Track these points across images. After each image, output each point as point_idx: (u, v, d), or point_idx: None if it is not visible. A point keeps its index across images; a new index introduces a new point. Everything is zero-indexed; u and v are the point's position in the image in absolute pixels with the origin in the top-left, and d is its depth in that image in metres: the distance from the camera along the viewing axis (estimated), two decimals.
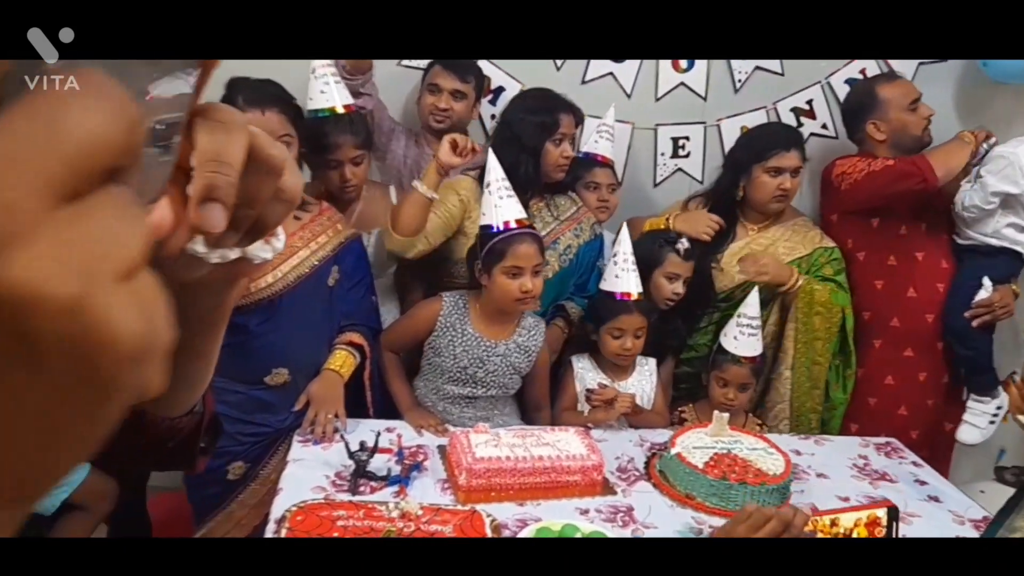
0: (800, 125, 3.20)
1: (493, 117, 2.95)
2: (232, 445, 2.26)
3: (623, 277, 2.49)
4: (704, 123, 3.24)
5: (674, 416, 2.70)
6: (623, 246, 2.50)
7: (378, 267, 2.60)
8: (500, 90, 3.05)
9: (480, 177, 2.44)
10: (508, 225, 2.27)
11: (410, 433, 2.30)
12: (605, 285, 2.53)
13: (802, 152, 2.77)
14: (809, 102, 3.26)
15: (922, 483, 2.37)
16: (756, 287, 2.67)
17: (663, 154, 3.26)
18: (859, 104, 2.93)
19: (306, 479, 2.02)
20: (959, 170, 2.73)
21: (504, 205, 2.29)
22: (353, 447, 2.03)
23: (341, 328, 2.39)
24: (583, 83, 3.10)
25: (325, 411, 2.23)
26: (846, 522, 1.58)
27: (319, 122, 2.44)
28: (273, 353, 2.26)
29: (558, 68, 3.04)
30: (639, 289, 2.49)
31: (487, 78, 2.96)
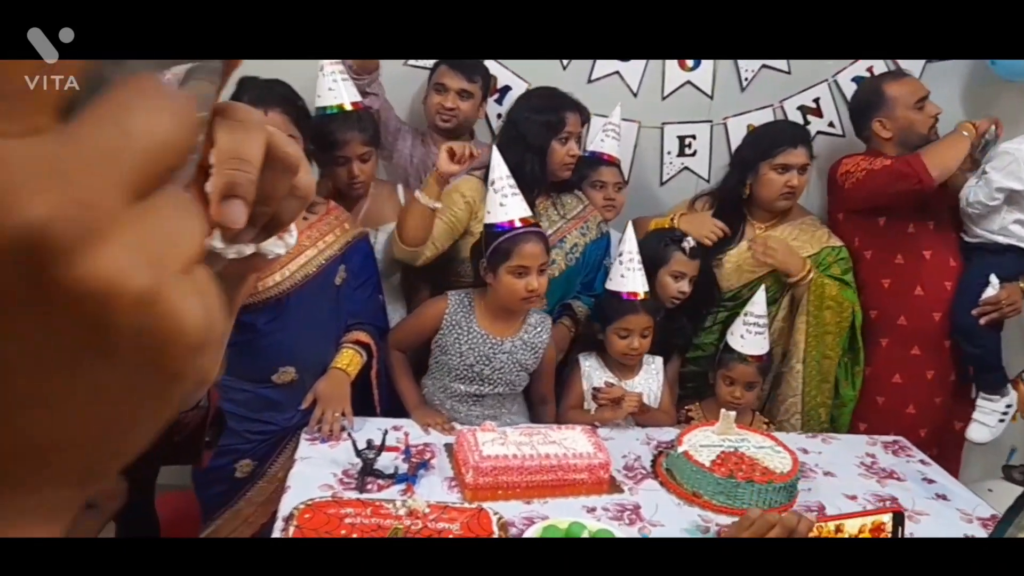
0: (807, 123, 3.19)
1: (499, 116, 2.95)
2: (239, 443, 2.27)
3: (629, 277, 2.48)
4: (711, 121, 3.24)
5: (681, 415, 2.70)
6: (629, 245, 2.50)
7: (385, 265, 2.60)
8: (506, 89, 3.05)
9: (486, 177, 2.44)
10: (513, 224, 2.27)
11: (417, 431, 2.30)
12: (611, 285, 2.53)
13: (809, 149, 2.76)
14: (816, 100, 3.25)
15: (930, 481, 2.36)
16: (763, 286, 2.67)
17: (669, 153, 3.26)
18: (866, 102, 2.92)
19: (314, 477, 2.02)
20: (957, 165, 2.71)
21: (509, 204, 2.28)
22: (360, 445, 2.03)
23: (348, 327, 2.40)
24: (589, 82, 3.10)
25: (332, 409, 2.23)
26: (851, 528, 1.57)
27: (327, 119, 2.45)
28: (280, 352, 2.27)
29: (564, 67, 3.04)
30: (645, 288, 2.49)
31: (493, 77, 2.95)
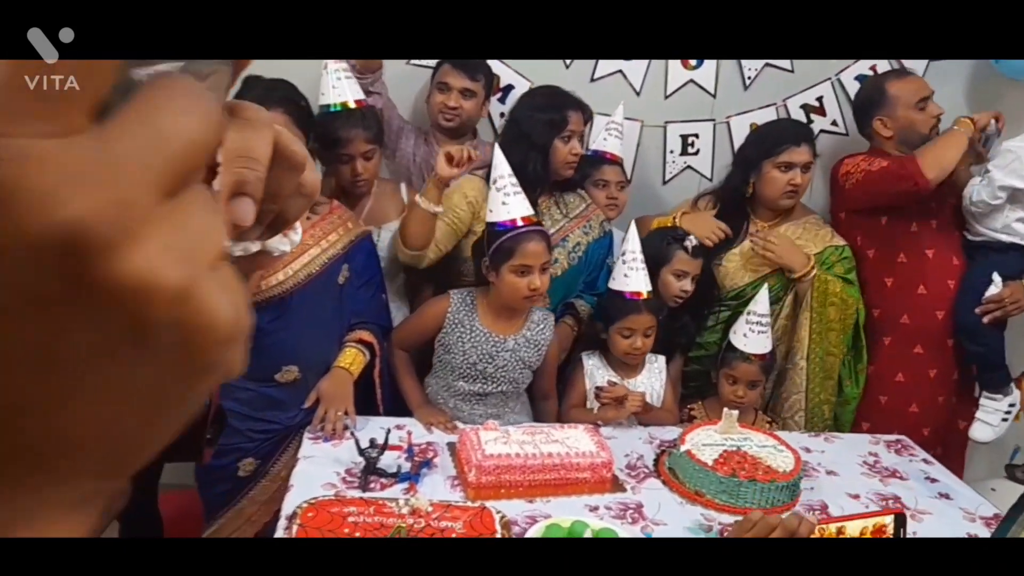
0: (810, 122, 3.18)
1: (502, 115, 2.95)
2: (242, 442, 2.28)
3: (632, 276, 2.48)
4: (713, 120, 3.23)
5: (683, 414, 2.69)
6: (632, 245, 2.49)
7: (388, 264, 2.60)
8: (509, 88, 3.05)
9: (488, 176, 2.44)
10: (516, 223, 2.27)
11: (420, 430, 2.31)
12: (614, 284, 2.53)
13: (812, 147, 2.75)
14: (819, 99, 3.25)
15: (933, 480, 2.36)
16: (766, 284, 2.67)
17: (672, 151, 3.26)
18: (868, 99, 2.92)
19: (317, 476, 2.03)
20: (955, 163, 2.69)
21: (512, 202, 2.28)
22: (363, 444, 2.04)
23: (351, 326, 2.40)
24: (592, 81, 3.09)
25: (335, 408, 2.24)
26: (852, 530, 1.57)
27: (331, 117, 2.46)
28: (283, 351, 2.28)
29: (567, 66, 3.03)
30: (648, 288, 2.49)
31: (496, 76, 2.95)
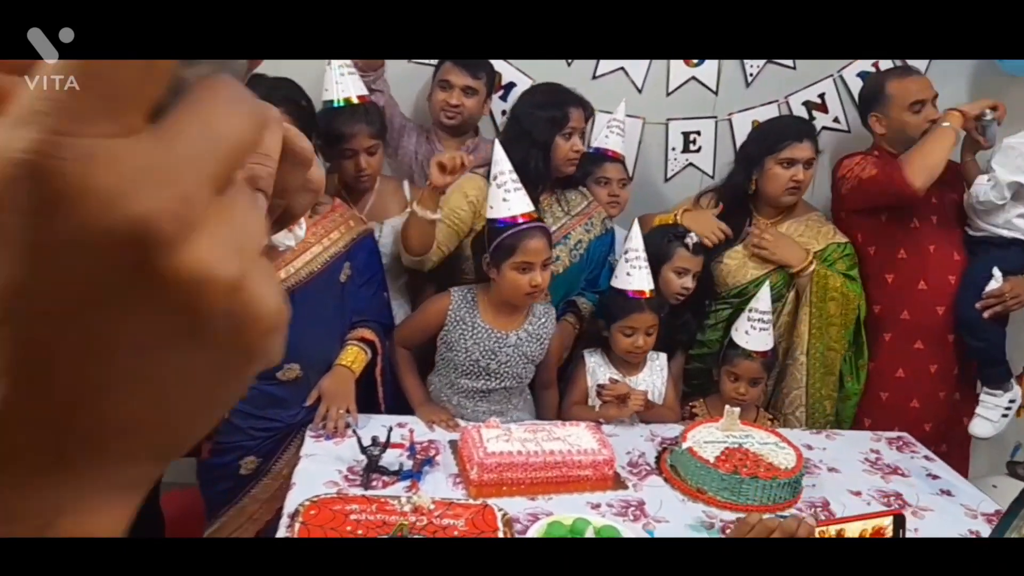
0: (812, 119, 3.18)
1: (504, 113, 2.94)
2: (244, 440, 2.28)
3: (635, 275, 2.48)
4: (715, 117, 3.23)
5: (685, 411, 2.69)
6: (634, 243, 2.49)
7: (390, 261, 2.60)
8: (511, 86, 3.04)
9: (489, 174, 2.44)
10: (516, 219, 2.26)
11: (422, 428, 2.31)
12: (617, 283, 2.52)
13: (815, 143, 2.75)
14: (821, 96, 3.25)
15: (934, 477, 2.36)
16: (767, 282, 2.66)
17: (674, 149, 3.26)
18: (868, 94, 2.92)
19: (319, 474, 2.03)
20: (943, 164, 2.67)
21: (513, 199, 2.28)
22: (365, 442, 2.04)
23: (353, 324, 2.40)
24: (594, 78, 3.09)
25: (336, 406, 2.24)
26: (852, 532, 1.57)
27: (334, 113, 2.46)
28: (285, 348, 2.26)
29: (569, 64, 3.03)
30: (651, 287, 2.49)
31: (498, 74, 2.95)
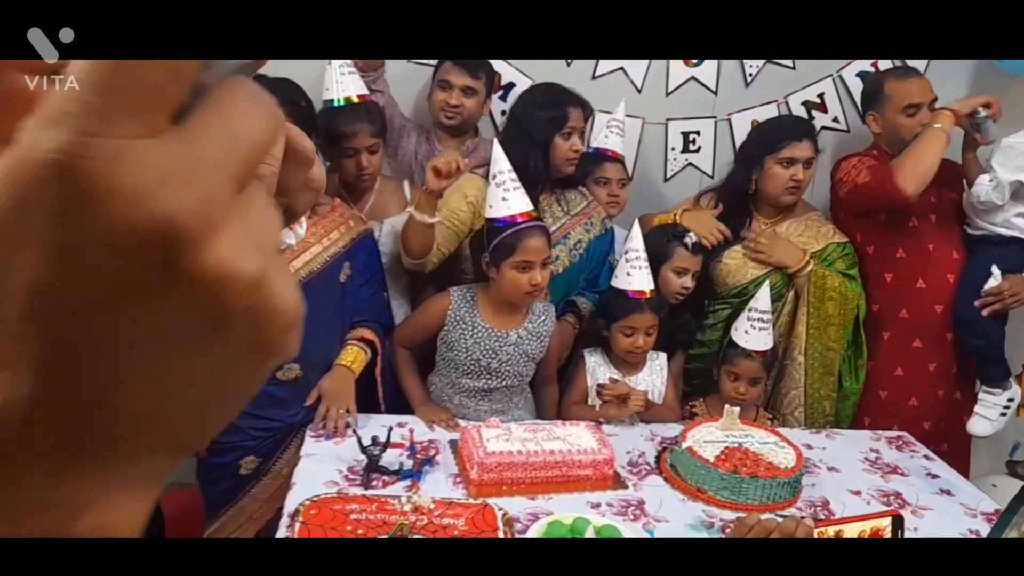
0: (812, 118, 3.19)
1: (503, 113, 2.95)
2: (244, 440, 2.28)
3: (635, 275, 2.48)
4: (715, 117, 3.24)
5: (685, 411, 2.69)
6: (635, 243, 2.49)
7: (390, 261, 2.60)
8: (511, 86, 3.05)
9: (488, 174, 2.44)
10: (516, 218, 2.27)
11: (422, 428, 2.31)
12: (617, 283, 2.53)
13: (814, 143, 2.75)
14: (820, 95, 3.25)
15: (934, 476, 2.36)
16: (767, 281, 2.67)
17: (673, 149, 3.26)
18: (869, 92, 2.93)
19: (319, 474, 2.03)
20: (935, 167, 2.64)
21: (512, 198, 2.28)
22: (365, 442, 2.04)
23: (353, 324, 2.41)
24: (593, 78, 3.09)
25: (336, 406, 2.24)
26: (850, 534, 1.58)
27: (335, 112, 2.46)
28: None
29: (568, 64, 3.03)
30: (651, 287, 2.49)
31: (497, 74, 2.96)
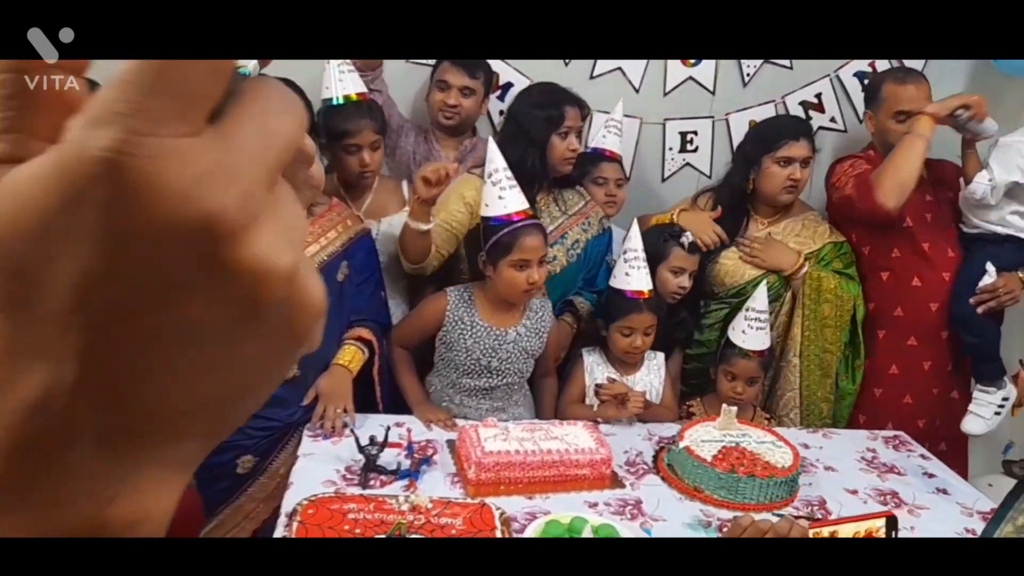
0: (809, 118, 3.19)
1: (502, 113, 2.95)
2: (241, 439, 2.27)
3: (634, 275, 2.48)
4: (712, 117, 3.24)
5: (682, 410, 2.70)
6: (633, 243, 2.50)
7: (387, 260, 2.60)
8: (508, 86, 3.05)
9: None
10: (512, 217, 2.27)
11: (419, 428, 2.31)
12: (616, 283, 2.53)
13: (811, 142, 2.76)
14: (818, 95, 3.26)
15: (930, 476, 2.37)
16: (764, 281, 2.67)
17: (671, 148, 3.26)
18: (868, 92, 2.94)
19: (317, 473, 2.03)
20: (916, 177, 2.63)
21: (508, 196, 2.28)
22: (363, 442, 2.04)
23: (350, 323, 2.41)
24: (591, 78, 3.10)
25: (334, 406, 2.24)
26: (845, 534, 1.58)
27: (336, 110, 2.46)
28: None
29: (566, 63, 3.03)
30: (650, 287, 2.49)
31: (495, 74, 2.96)
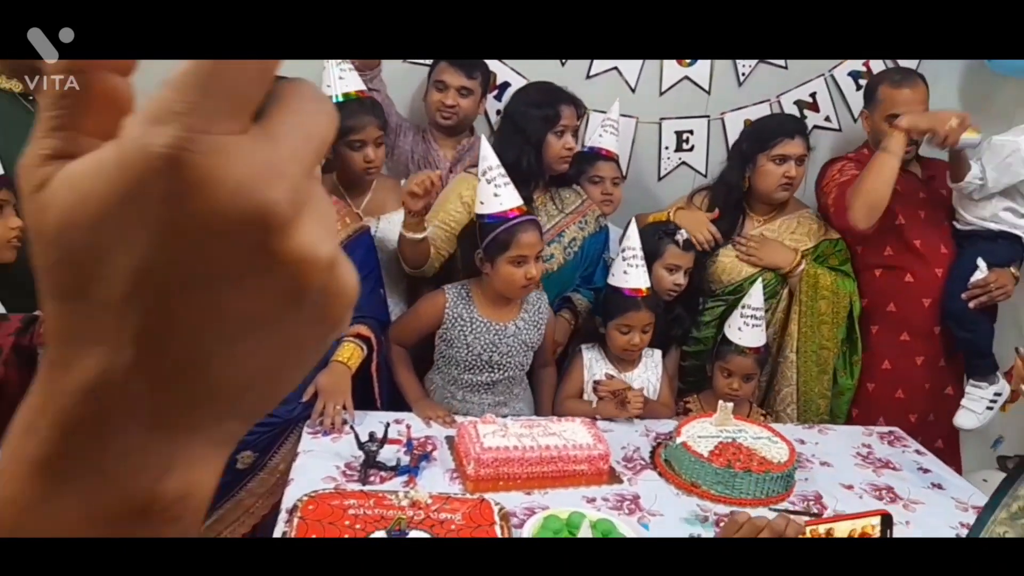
0: (804, 117, 3.20)
1: (499, 112, 2.96)
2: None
3: (632, 273, 2.50)
4: (708, 116, 3.26)
5: (679, 407, 2.71)
6: (631, 241, 2.51)
7: (386, 257, 2.62)
8: (505, 85, 3.06)
9: None
10: (508, 214, 2.28)
11: (418, 424, 2.32)
12: (614, 280, 2.54)
13: (806, 140, 2.78)
14: (812, 95, 3.27)
15: (925, 471, 2.38)
16: (760, 278, 2.68)
17: (667, 148, 3.28)
18: (866, 91, 2.95)
19: (317, 469, 2.04)
20: (888, 193, 2.63)
21: (504, 194, 2.29)
22: (363, 438, 2.05)
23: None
24: (588, 78, 3.11)
25: (333, 402, 2.25)
26: (840, 532, 1.59)
27: (339, 107, 2.46)
28: None
29: (563, 63, 3.05)
30: (647, 285, 2.50)
31: (493, 74, 2.98)
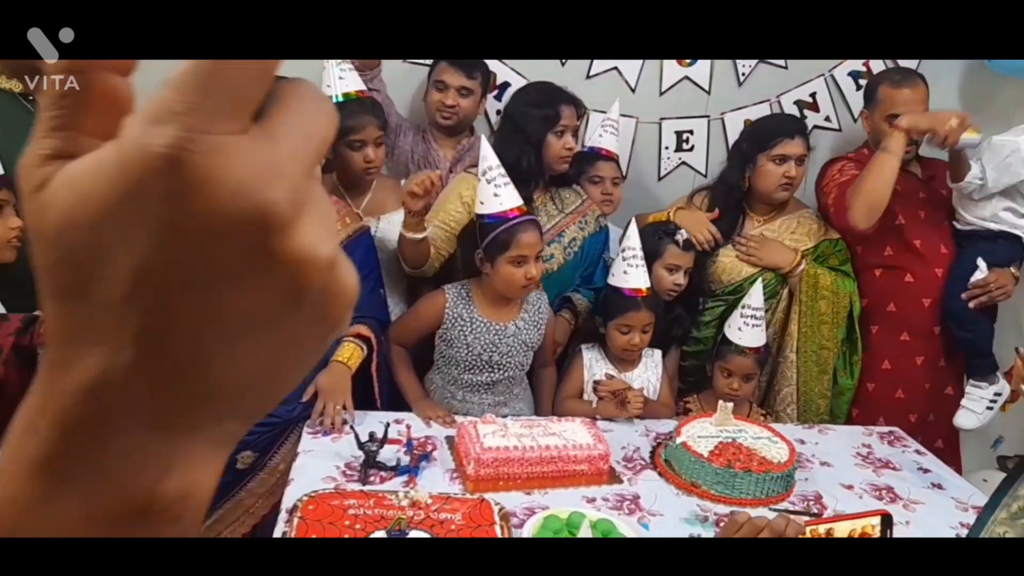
0: (804, 117, 3.20)
1: (498, 112, 2.96)
2: None
3: (632, 273, 2.50)
4: (708, 116, 3.26)
5: (679, 407, 2.71)
6: (632, 242, 2.51)
7: (386, 257, 2.62)
8: (505, 85, 3.06)
9: None
10: (508, 214, 2.28)
11: (418, 424, 2.32)
12: (614, 281, 2.54)
13: (806, 140, 2.78)
14: (812, 95, 3.28)
15: (925, 471, 2.38)
16: (760, 278, 2.68)
17: (667, 148, 3.28)
18: (866, 90, 2.95)
19: (317, 469, 2.04)
20: (888, 192, 2.63)
21: (504, 194, 2.29)
22: (363, 438, 2.05)
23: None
24: (588, 78, 3.11)
25: (333, 402, 2.25)
26: (840, 532, 1.59)
27: (339, 107, 2.46)
28: None
29: (563, 63, 3.05)
30: (648, 285, 2.51)
31: (493, 74, 2.98)
